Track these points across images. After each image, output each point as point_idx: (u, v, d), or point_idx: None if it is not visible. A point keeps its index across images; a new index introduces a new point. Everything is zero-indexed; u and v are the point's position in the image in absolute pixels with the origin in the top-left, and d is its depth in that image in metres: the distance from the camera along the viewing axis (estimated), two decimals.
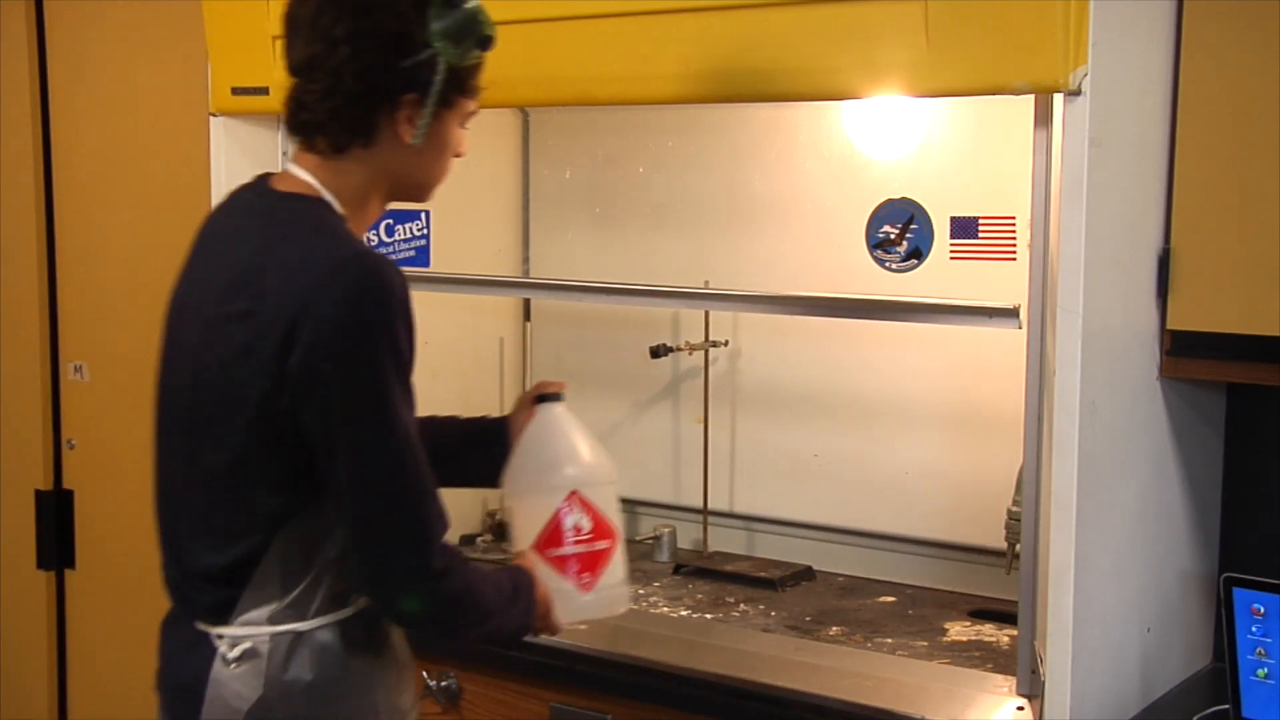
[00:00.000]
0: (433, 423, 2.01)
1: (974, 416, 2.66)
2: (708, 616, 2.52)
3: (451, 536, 2.88)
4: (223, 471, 1.72)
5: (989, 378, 2.61)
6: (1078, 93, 1.85)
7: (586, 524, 2.02)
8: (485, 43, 1.80)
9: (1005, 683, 2.12)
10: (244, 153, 2.67)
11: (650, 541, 2.96)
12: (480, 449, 2.05)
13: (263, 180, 1.84)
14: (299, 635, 1.75)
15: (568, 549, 2.01)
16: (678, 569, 2.84)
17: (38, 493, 3.29)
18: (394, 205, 1.90)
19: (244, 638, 1.74)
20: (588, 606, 2.04)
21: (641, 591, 2.70)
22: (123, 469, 3.21)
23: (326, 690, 1.75)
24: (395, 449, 1.68)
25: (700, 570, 2.79)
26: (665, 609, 2.59)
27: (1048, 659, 1.93)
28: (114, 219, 3.17)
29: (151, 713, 3.26)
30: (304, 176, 1.80)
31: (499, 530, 3.08)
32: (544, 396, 2.07)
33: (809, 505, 2.78)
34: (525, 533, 2.04)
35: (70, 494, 3.29)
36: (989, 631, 2.47)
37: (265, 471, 1.71)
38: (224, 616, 1.75)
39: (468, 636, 1.92)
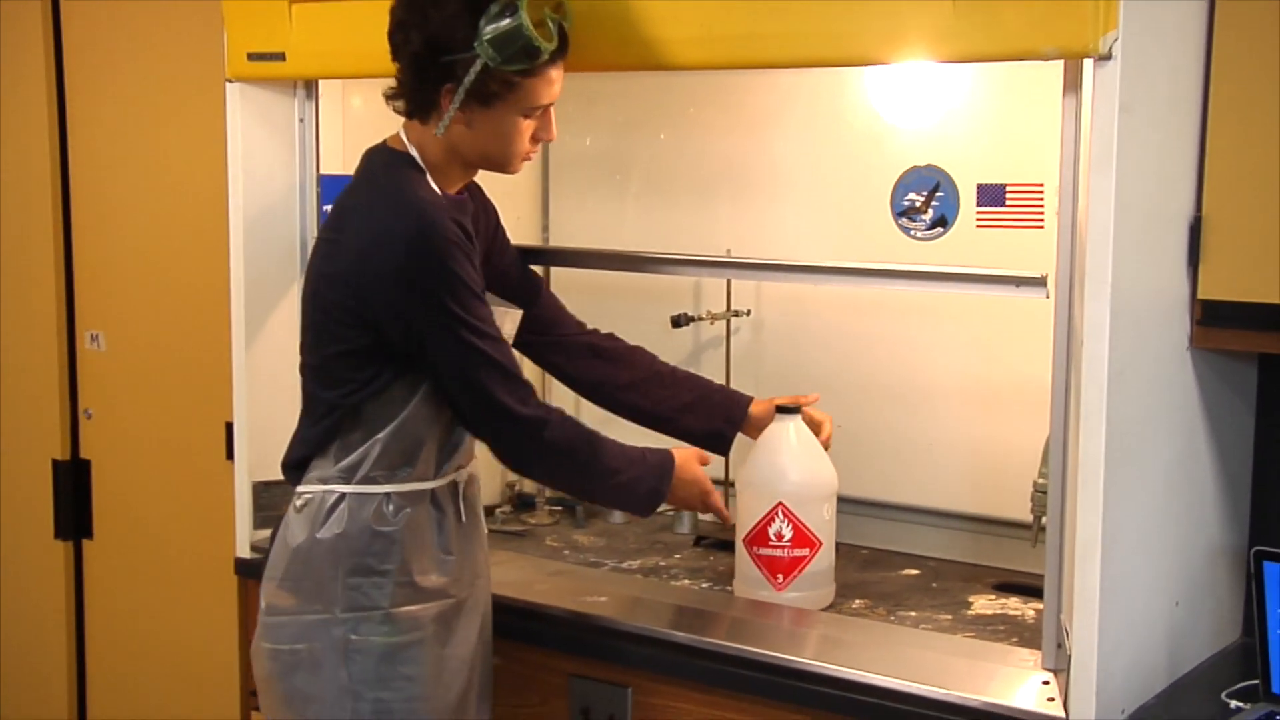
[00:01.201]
0: (677, 377, 2.49)
1: (1000, 387, 2.64)
2: (728, 589, 2.52)
3: None
4: (310, 368, 2.18)
5: (1016, 348, 2.60)
6: (1108, 57, 1.83)
7: (788, 533, 2.37)
8: (533, 53, 2.06)
9: (1030, 657, 2.11)
10: (261, 118, 2.66)
11: (671, 513, 2.95)
12: (704, 414, 2.45)
13: (385, 139, 2.23)
14: (341, 496, 2.15)
15: (768, 550, 2.38)
16: (698, 541, 2.84)
17: (55, 463, 3.30)
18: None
19: (305, 493, 2.18)
20: (780, 602, 2.37)
21: (662, 564, 2.70)
22: (139, 438, 3.22)
23: (350, 544, 2.14)
24: (462, 340, 2.07)
25: (721, 543, 2.79)
26: (686, 581, 2.59)
27: (1074, 633, 1.93)
28: (130, 187, 3.18)
29: (168, 683, 3.30)
30: (402, 135, 2.19)
31: (520, 501, 3.08)
32: (785, 407, 2.41)
33: (832, 478, 2.77)
34: (744, 521, 2.41)
35: (88, 464, 3.30)
36: (1014, 605, 2.46)
37: (334, 371, 2.13)
38: (300, 479, 2.20)
39: (598, 492, 2.26)
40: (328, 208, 2.71)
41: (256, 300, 2.70)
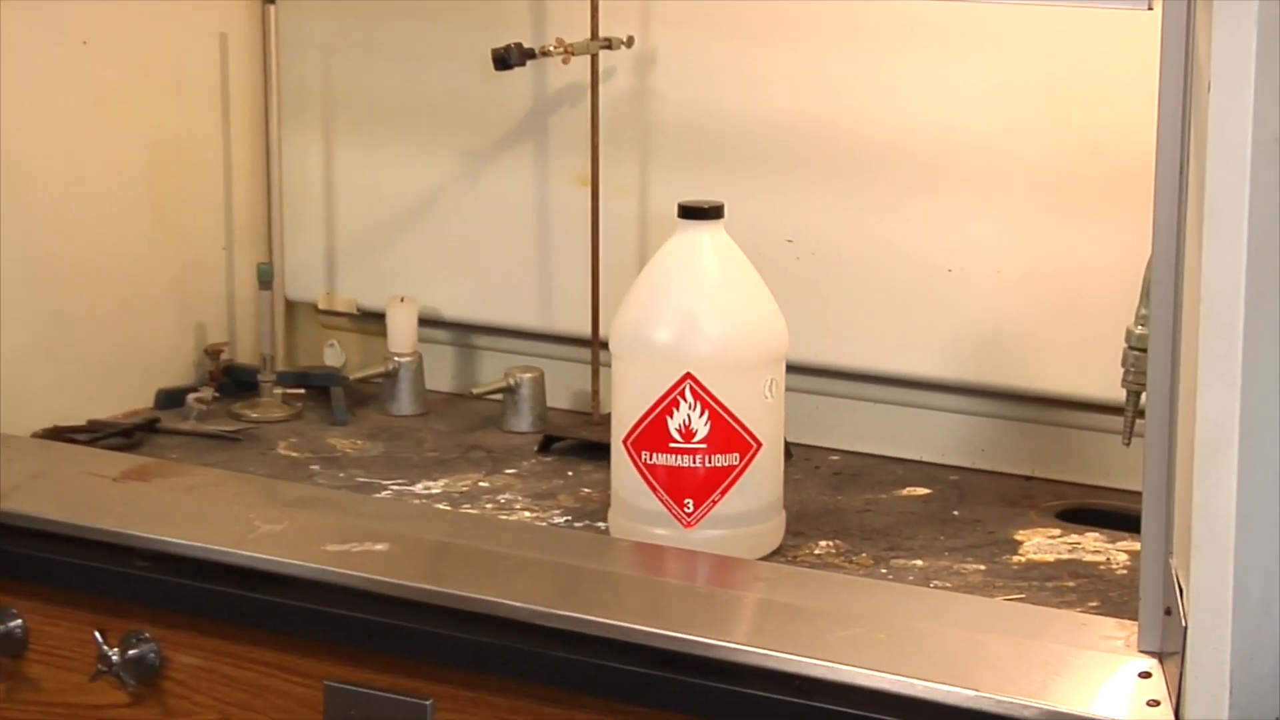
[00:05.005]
0: None
1: (1068, 172, 2.67)
2: (600, 526, 2.54)
3: (147, 391, 2.85)
4: None
5: (1095, 103, 2.63)
6: None
7: (702, 427, 2.36)
8: None
9: (1120, 632, 2.14)
10: None
11: (499, 397, 2.96)
12: None
13: None
14: None
15: (669, 458, 2.38)
16: (548, 443, 2.87)
17: None
18: None
19: None
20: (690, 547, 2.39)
21: (485, 484, 2.71)
22: None
23: None
24: None
25: (587, 446, 2.81)
26: (527, 514, 2.60)
27: (1192, 589, 1.95)
28: None
29: None
30: None
31: (231, 380, 3.06)
32: (691, 210, 2.38)
33: (780, 331, 2.78)
34: (622, 415, 2.42)
35: None
36: (1092, 545, 2.51)
37: None
38: None
39: None
40: None
41: None
